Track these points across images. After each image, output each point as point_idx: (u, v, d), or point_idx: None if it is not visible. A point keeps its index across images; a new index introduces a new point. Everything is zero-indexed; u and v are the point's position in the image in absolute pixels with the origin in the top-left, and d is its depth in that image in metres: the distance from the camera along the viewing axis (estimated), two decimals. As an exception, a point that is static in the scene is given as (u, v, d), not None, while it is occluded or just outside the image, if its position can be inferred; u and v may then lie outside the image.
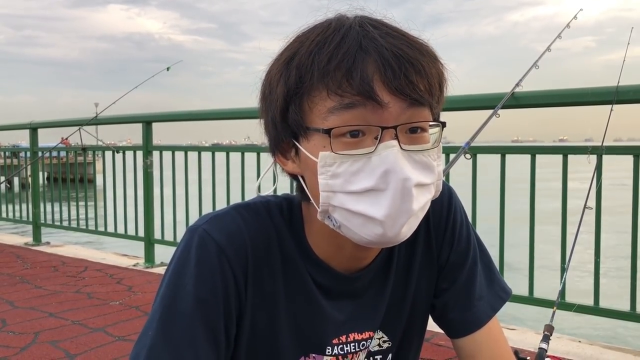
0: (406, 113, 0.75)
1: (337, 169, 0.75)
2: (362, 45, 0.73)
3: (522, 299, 2.85)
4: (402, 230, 0.76)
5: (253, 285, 0.83)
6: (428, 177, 0.77)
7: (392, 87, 0.73)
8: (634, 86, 2.48)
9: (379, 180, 0.73)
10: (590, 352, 2.57)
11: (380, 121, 0.74)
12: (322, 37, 0.76)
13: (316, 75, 0.74)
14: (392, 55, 0.73)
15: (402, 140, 0.75)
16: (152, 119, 4.64)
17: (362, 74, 0.72)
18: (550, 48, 2.66)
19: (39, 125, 5.74)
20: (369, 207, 0.74)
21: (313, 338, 0.88)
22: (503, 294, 1.01)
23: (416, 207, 0.75)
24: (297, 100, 0.77)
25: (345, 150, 0.75)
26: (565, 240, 2.72)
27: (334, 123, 0.74)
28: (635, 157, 2.56)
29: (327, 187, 0.76)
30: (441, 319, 1.00)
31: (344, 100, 0.73)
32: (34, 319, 3.17)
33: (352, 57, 0.73)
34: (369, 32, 0.75)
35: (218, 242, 0.81)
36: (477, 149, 2.87)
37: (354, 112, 0.73)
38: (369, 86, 0.72)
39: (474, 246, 0.99)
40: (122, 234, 5.00)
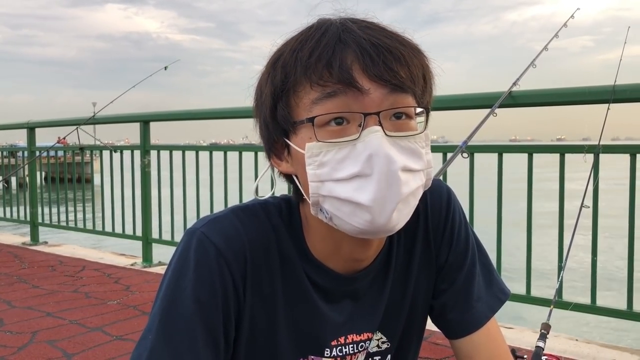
0: (388, 99, 0.76)
1: (324, 158, 0.76)
2: (341, 37, 0.76)
3: (519, 298, 2.85)
4: (392, 216, 0.75)
5: (252, 288, 0.84)
6: (416, 162, 0.78)
7: (372, 74, 0.75)
8: (630, 85, 2.49)
9: (364, 165, 0.74)
10: (587, 350, 2.57)
11: (362, 108, 0.75)
12: (305, 36, 0.79)
13: (299, 70, 0.77)
14: (370, 44, 0.75)
15: (386, 126, 0.76)
16: (149, 118, 4.64)
17: (340, 62, 0.74)
18: (547, 47, 2.67)
19: (37, 124, 5.73)
20: (356, 193, 0.75)
21: (311, 340, 0.89)
22: (501, 295, 1.01)
23: (405, 191, 0.76)
24: (284, 97, 0.79)
25: (331, 138, 0.76)
26: (562, 239, 2.73)
27: (317, 113, 0.76)
28: (632, 156, 2.57)
29: (315, 177, 0.77)
30: (440, 319, 1.00)
31: (325, 89, 0.75)
32: (31, 318, 3.16)
33: (332, 49, 0.75)
34: (348, 27, 0.78)
35: (216, 245, 0.81)
36: (474, 147, 2.87)
37: (336, 101, 0.75)
38: (348, 74, 0.74)
39: (472, 247, 0.99)
40: (120, 233, 5.00)
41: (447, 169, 2.55)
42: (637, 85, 2.49)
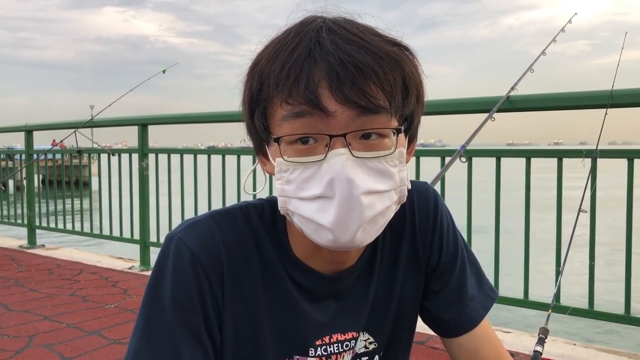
0: (357, 121, 0.74)
1: (290, 176, 0.77)
2: (311, 53, 0.74)
3: (517, 302, 2.86)
4: (355, 237, 0.76)
5: (231, 291, 0.84)
6: (384, 183, 0.77)
7: (339, 96, 0.72)
8: (628, 90, 2.50)
9: (326, 188, 0.74)
10: (585, 354, 2.58)
11: (329, 129, 0.74)
12: (282, 44, 0.77)
13: (272, 83, 0.76)
14: (339, 62, 0.72)
15: (355, 147, 0.75)
16: (148, 121, 4.64)
17: (307, 82, 0.73)
18: (545, 52, 2.68)
19: (34, 127, 5.73)
20: (318, 214, 0.75)
21: (295, 341, 0.89)
22: (492, 293, 1.03)
23: (369, 214, 0.75)
24: (260, 107, 0.79)
25: (298, 157, 0.76)
26: (560, 243, 2.74)
27: (285, 131, 0.76)
28: (630, 161, 2.57)
29: (283, 193, 0.79)
30: (436, 321, 1.01)
31: (293, 109, 0.74)
32: (28, 322, 3.16)
33: (300, 66, 0.74)
34: (320, 39, 0.75)
35: (192, 250, 0.82)
36: (472, 152, 2.88)
37: (303, 121, 0.74)
38: (314, 95, 0.73)
39: (461, 248, 1.00)
40: (118, 236, 4.99)
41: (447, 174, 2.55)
42: (634, 90, 2.50)
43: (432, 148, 3.90)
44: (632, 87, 2.52)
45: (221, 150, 4.39)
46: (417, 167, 3.19)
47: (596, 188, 2.56)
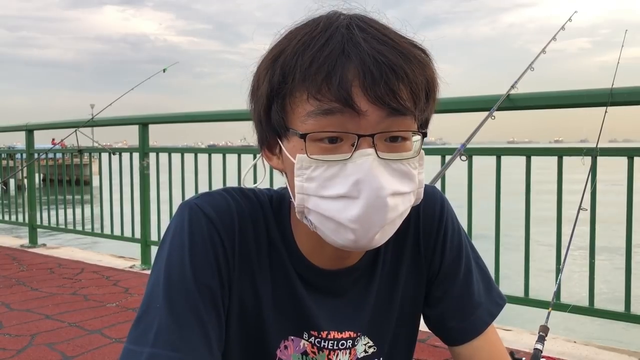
0: (385, 121, 0.74)
1: (312, 173, 0.76)
2: (345, 49, 0.72)
3: (517, 300, 2.86)
4: (375, 237, 0.77)
5: (240, 261, 0.85)
6: (406, 185, 0.77)
7: (371, 95, 0.72)
8: (627, 88, 2.50)
9: (352, 187, 0.74)
10: (585, 352, 2.58)
11: (357, 128, 0.73)
12: (309, 37, 0.75)
13: (298, 77, 0.74)
14: (374, 62, 0.71)
15: (380, 148, 0.75)
16: (148, 120, 4.64)
17: (341, 79, 0.71)
18: (545, 50, 2.68)
19: (35, 127, 5.73)
20: (341, 214, 0.75)
21: (292, 324, 0.90)
22: (500, 300, 1.01)
23: (392, 215, 0.76)
24: (280, 99, 0.77)
25: (322, 154, 0.75)
26: (560, 242, 2.74)
27: (311, 127, 0.74)
28: (630, 159, 2.58)
29: (302, 190, 0.77)
30: (439, 328, 0.99)
31: (322, 105, 0.73)
32: (30, 321, 3.16)
33: (334, 62, 0.72)
34: (353, 36, 0.74)
35: (208, 215, 0.83)
36: (472, 150, 2.88)
37: (332, 118, 0.73)
38: (347, 93, 0.71)
39: (466, 254, 0.99)
40: (119, 235, 5.00)
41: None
42: (634, 88, 2.51)
43: (433, 146, 3.90)
44: (632, 86, 2.52)
45: (222, 149, 4.39)
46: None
47: (596, 186, 2.56)
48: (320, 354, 0.91)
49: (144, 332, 0.77)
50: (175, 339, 0.76)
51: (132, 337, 0.78)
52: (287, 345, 0.90)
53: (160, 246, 0.85)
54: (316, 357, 0.91)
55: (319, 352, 0.91)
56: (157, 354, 0.75)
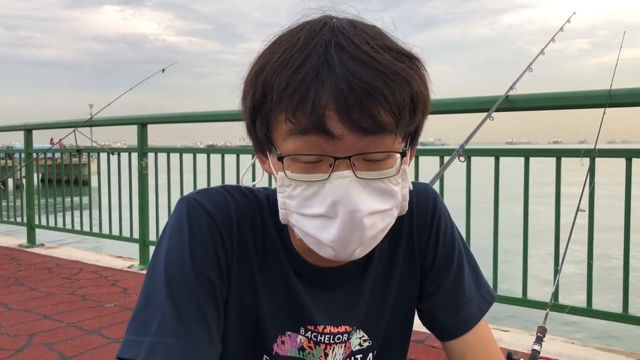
0: (362, 142, 0.74)
1: (293, 192, 0.78)
2: (319, 73, 0.72)
3: (515, 301, 2.87)
4: (355, 252, 0.79)
5: (238, 257, 0.86)
6: (386, 202, 0.78)
7: (346, 120, 0.71)
8: (626, 90, 2.51)
9: (329, 208, 0.75)
10: (583, 353, 2.59)
11: (333, 150, 0.74)
12: (288, 54, 0.75)
13: (275, 97, 0.74)
14: (347, 86, 0.71)
15: (359, 167, 0.75)
16: (147, 120, 4.64)
17: (313, 105, 0.71)
18: (544, 51, 2.68)
19: (34, 126, 5.73)
20: (319, 232, 0.77)
21: (290, 318, 0.90)
22: (489, 297, 1.02)
23: (370, 234, 0.77)
24: (262, 116, 0.78)
25: (302, 173, 0.76)
26: (558, 243, 2.74)
27: (290, 147, 0.75)
28: (628, 160, 2.58)
29: (284, 206, 0.80)
30: (431, 322, 1.01)
31: (297, 127, 0.73)
32: (28, 321, 3.16)
33: (307, 86, 0.72)
34: (329, 57, 0.72)
35: (207, 209, 0.84)
36: (471, 151, 2.88)
37: (308, 140, 0.74)
38: (319, 119, 0.71)
39: (459, 250, 1.00)
40: (117, 235, 4.99)
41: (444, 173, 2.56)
42: (632, 90, 2.51)
43: (431, 147, 3.91)
44: (630, 87, 2.52)
45: (220, 149, 4.39)
46: (416, 166, 3.20)
47: (594, 187, 2.56)
48: (317, 349, 0.92)
49: (144, 323, 0.78)
50: (177, 328, 0.77)
51: (131, 328, 0.79)
52: (284, 340, 0.91)
53: (159, 241, 0.86)
54: (313, 352, 0.92)
55: (316, 346, 0.92)
56: (158, 342, 0.76)
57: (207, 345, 0.78)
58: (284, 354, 0.91)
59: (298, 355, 0.92)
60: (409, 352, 1.06)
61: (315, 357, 0.92)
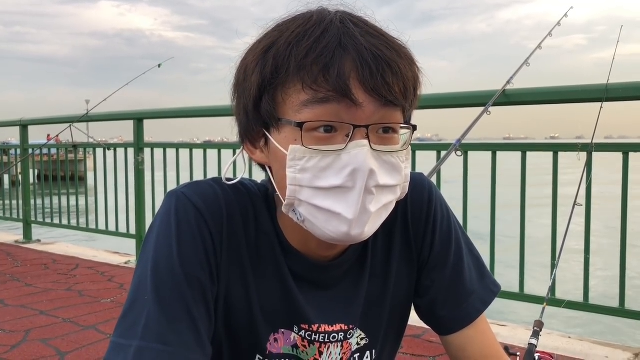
0: (379, 113, 0.75)
1: (307, 164, 0.76)
2: (342, 42, 0.74)
3: (512, 296, 2.87)
4: (365, 229, 0.77)
5: (228, 253, 0.84)
6: (394, 178, 0.79)
7: (368, 87, 0.73)
8: (623, 84, 2.51)
9: (347, 178, 0.74)
10: (579, 347, 2.59)
11: (353, 119, 0.74)
12: (303, 29, 0.76)
13: (292, 67, 0.74)
14: (371, 55, 0.73)
15: (373, 140, 0.76)
16: (143, 115, 4.62)
17: (339, 70, 0.73)
18: (541, 46, 2.68)
19: (30, 122, 5.71)
20: (336, 204, 0.75)
21: (283, 316, 0.89)
22: (494, 287, 1.00)
23: (379, 206, 0.77)
24: (272, 90, 0.77)
25: (316, 145, 0.75)
26: (555, 237, 2.74)
27: (306, 117, 0.75)
28: (625, 154, 2.58)
29: (295, 181, 0.77)
30: (430, 317, 0.99)
31: (318, 94, 0.74)
32: (24, 317, 3.15)
33: (331, 53, 0.73)
34: (349, 30, 0.75)
35: (195, 205, 0.82)
36: (468, 146, 2.88)
37: (328, 108, 0.74)
38: (345, 84, 0.73)
39: (457, 242, 0.98)
40: (114, 231, 4.98)
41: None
42: (629, 84, 2.51)
43: (428, 142, 3.90)
44: (627, 81, 2.53)
45: (217, 144, 4.38)
46: (413, 161, 3.20)
47: (591, 182, 2.57)
48: (311, 347, 0.91)
49: (131, 325, 0.76)
50: (164, 332, 0.75)
51: (119, 330, 0.77)
52: (277, 338, 0.89)
53: (146, 236, 0.84)
54: (306, 351, 0.91)
55: (310, 345, 0.90)
56: (145, 347, 0.74)
57: (195, 351, 0.77)
58: (277, 352, 0.90)
59: (291, 353, 0.90)
60: (406, 346, 1.05)
61: (309, 355, 0.91)
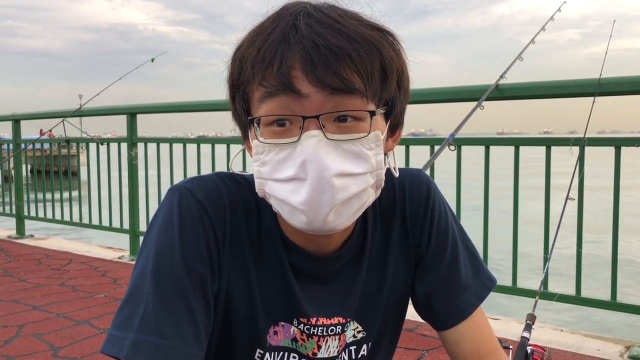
0: (330, 102, 0.75)
1: (265, 157, 0.79)
2: (286, 36, 0.75)
3: (505, 289, 2.88)
4: (327, 219, 0.77)
5: (230, 247, 0.85)
6: (358, 166, 0.77)
7: (312, 78, 0.74)
8: (615, 78, 2.52)
9: (299, 169, 0.75)
10: (572, 341, 2.61)
11: (302, 111, 0.75)
12: (260, 28, 0.79)
13: (249, 66, 0.77)
14: (312, 45, 0.74)
15: (330, 129, 0.76)
16: (136, 110, 4.61)
17: (280, 64, 0.74)
18: (534, 40, 2.68)
19: (22, 117, 5.67)
20: (291, 195, 0.77)
21: (282, 310, 0.90)
22: (489, 282, 1.01)
23: (342, 196, 0.76)
24: (240, 91, 0.81)
25: (273, 139, 0.77)
26: (548, 231, 2.76)
27: (262, 112, 0.77)
28: (617, 149, 2.60)
29: (259, 174, 0.80)
30: (426, 312, 0.99)
31: (267, 89, 0.76)
32: (17, 312, 3.15)
33: (274, 49, 0.75)
34: (297, 24, 0.76)
35: (198, 199, 0.83)
36: (461, 140, 2.89)
37: (278, 102, 0.76)
38: (286, 77, 0.74)
39: (453, 237, 0.98)
40: (107, 226, 4.97)
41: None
42: (621, 78, 2.52)
43: (422, 137, 3.91)
44: (620, 76, 2.54)
45: (210, 139, 4.37)
46: (407, 156, 3.20)
47: (584, 175, 2.58)
48: (310, 341, 0.91)
49: (128, 318, 0.77)
50: (161, 325, 0.76)
51: (116, 322, 0.78)
52: (277, 330, 0.90)
53: (148, 230, 0.84)
54: (305, 344, 0.91)
55: (308, 338, 0.91)
56: (141, 340, 0.75)
57: (193, 345, 0.77)
58: (277, 344, 0.90)
59: (291, 346, 0.91)
60: (399, 340, 1.06)
61: (308, 349, 0.92)
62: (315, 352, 0.92)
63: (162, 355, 0.74)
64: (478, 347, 0.97)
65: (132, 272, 0.82)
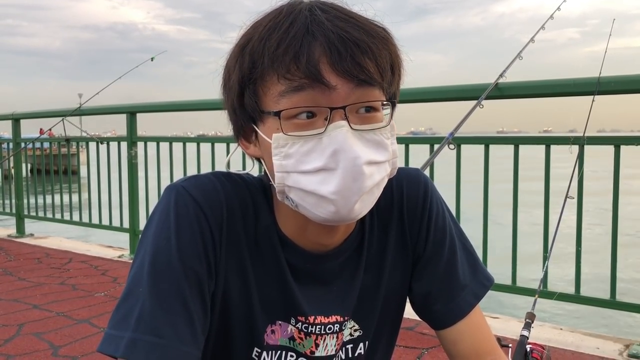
0: (355, 93, 0.77)
1: (289, 150, 0.78)
2: (309, 29, 0.76)
3: (505, 288, 2.89)
4: (354, 207, 0.78)
5: (227, 246, 0.85)
6: (381, 154, 0.80)
7: (339, 69, 0.75)
8: (615, 77, 2.52)
9: (329, 159, 0.76)
10: (571, 339, 2.61)
11: (329, 102, 0.76)
12: (274, 22, 0.78)
13: (266, 60, 0.77)
14: (338, 38, 0.75)
15: (352, 120, 0.77)
16: (136, 109, 4.61)
17: (308, 57, 0.75)
18: (534, 39, 2.68)
19: (22, 116, 5.68)
20: (320, 186, 0.77)
21: (280, 309, 0.90)
22: (486, 281, 1.01)
23: (369, 183, 0.78)
24: (251, 85, 0.80)
25: (298, 131, 0.77)
26: (547, 230, 2.76)
27: (284, 106, 0.77)
28: (616, 147, 2.60)
29: (281, 168, 0.79)
30: (424, 312, 1.00)
31: (292, 83, 0.76)
32: (17, 311, 3.15)
33: (299, 42, 0.75)
34: (316, 17, 0.77)
35: (195, 198, 0.83)
36: (461, 139, 2.89)
37: (303, 95, 0.76)
38: (316, 69, 0.75)
39: (450, 236, 0.99)
40: (107, 225, 4.97)
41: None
42: (621, 77, 2.52)
43: (422, 136, 3.91)
44: (619, 75, 2.54)
45: (210, 138, 4.37)
46: (407, 154, 3.20)
47: (583, 174, 2.58)
48: (308, 339, 0.91)
49: (125, 317, 0.77)
50: (158, 325, 0.76)
51: (113, 321, 0.78)
52: (275, 329, 0.90)
53: (144, 230, 0.84)
54: (303, 343, 0.91)
55: (306, 337, 0.91)
56: (138, 339, 0.75)
57: (189, 344, 0.77)
58: (274, 343, 0.90)
59: (288, 345, 0.91)
60: (399, 338, 1.06)
61: (305, 347, 0.92)
62: (313, 351, 0.92)
63: (158, 354, 0.75)
64: (476, 346, 0.97)
65: (129, 271, 0.82)
